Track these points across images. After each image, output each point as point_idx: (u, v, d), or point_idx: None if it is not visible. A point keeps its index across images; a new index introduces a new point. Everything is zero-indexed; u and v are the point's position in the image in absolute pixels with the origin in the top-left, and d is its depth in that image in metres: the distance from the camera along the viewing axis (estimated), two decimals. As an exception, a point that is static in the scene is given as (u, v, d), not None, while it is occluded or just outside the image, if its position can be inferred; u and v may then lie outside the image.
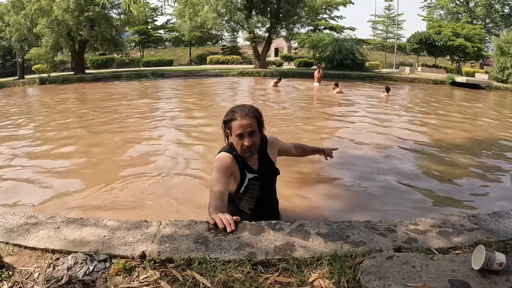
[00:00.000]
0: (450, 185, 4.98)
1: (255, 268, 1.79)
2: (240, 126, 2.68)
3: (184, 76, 29.31)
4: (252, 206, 2.96)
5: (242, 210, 2.98)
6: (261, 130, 2.84)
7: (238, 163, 2.82)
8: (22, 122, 10.42)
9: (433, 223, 2.28)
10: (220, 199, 2.46)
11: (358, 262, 1.82)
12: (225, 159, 2.76)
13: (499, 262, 1.71)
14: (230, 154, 2.79)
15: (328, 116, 10.92)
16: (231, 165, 2.75)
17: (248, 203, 2.95)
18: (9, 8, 29.98)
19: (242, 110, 2.73)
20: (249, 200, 2.93)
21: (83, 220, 2.29)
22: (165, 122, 9.74)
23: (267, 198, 3.10)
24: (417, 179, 5.20)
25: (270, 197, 3.16)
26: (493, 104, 16.71)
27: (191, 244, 1.97)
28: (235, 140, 2.74)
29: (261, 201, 2.99)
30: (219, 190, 2.53)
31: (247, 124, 2.69)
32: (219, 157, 2.80)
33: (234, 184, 2.84)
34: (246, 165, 2.87)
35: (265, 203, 3.06)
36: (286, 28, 33.43)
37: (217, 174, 2.66)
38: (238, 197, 2.93)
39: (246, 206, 2.97)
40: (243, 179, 2.85)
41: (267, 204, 3.12)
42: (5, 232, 2.18)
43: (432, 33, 35.97)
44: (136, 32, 48.64)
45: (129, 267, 1.84)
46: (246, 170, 2.86)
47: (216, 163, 2.75)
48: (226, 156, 2.78)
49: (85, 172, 5.71)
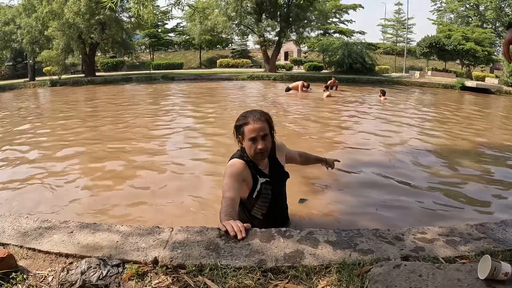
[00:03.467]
0: (458, 193, 4.94)
1: (265, 275, 1.83)
2: (253, 130, 2.74)
3: (194, 80, 29.36)
4: (265, 211, 3.00)
5: (254, 216, 3.01)
6: (272, 134, 2.89)
7: (250, 168, 2.86)
8: (35, 123, 10.53)
9: (440, 231, 2.29)
10: (232, 206, 2.50)
11: (366, 271, 1.84)
12: (237, 165, 2.80)
13: (504, 272, 1.71)
14: (242, 160, 2.83)
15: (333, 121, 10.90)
16: (243, 171, 2.79)
17: (261, 208, 2.98)
18: (20, 10, 30.33)
19: (254, 114, 2.80)
20: (262, 205, 2.97)
21: (96, 225, 2.34)
22: (177, 127, 9.71)
23: (279, 202, 3.15)
24: (425, 186, 5.16)
25: (281, 201, 3.21)
26: (503, 109, 16.58)
27: (203, 251, 2.00)
28: (247, 144, 2.78)
29: (273, 206, 3.02)
30: (231, 197, 2.57)
31: (260, 127, 2.75)
32: (231, 163, 2.84)
33: (246, 189, 2.87)
34: (258, 170, 2.91)
35: (276, 207, 3.10)
36: (296, 32, 33.36)
37: (229, 181, 2.70)
38: (251, 202, 2.96)
39: (258, 212, 3.00)
40: (255, 184, 2.89)
41: (278, 209, 3.18)
42: (19, 235, 2.22)
43: (442, 37, 35.84)
44: (146, 35, 48.88)
45: (141, 272, 1.88)
46: (258, 175, 2.90)
47: (229, 170, 2.78)
48: (238, 162, 2.82)
49: (96, 176, 5.75)
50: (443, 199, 4.72)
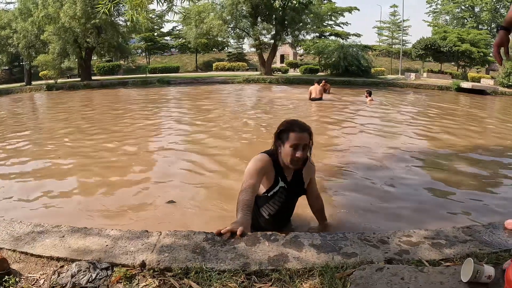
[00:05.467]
0: (446, 195, 4.92)
1: (249, 278, 1.86)
2: (298, 138, 2.84)
3: (190, 83, 29.34)
4: (273, 212, 3.09)
5: (261, 213, 3.11)
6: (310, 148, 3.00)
7: (275, 168, 2.96)
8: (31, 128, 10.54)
9: (426, 234, 2.31)
10: (251, 193, 2.67)
11: (348, 274, 1.87)
12: (264, 159, 2.93)
13: (487, 274, 1.74)
14: (269, 158, 2.95)
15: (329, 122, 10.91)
16: (268, 166, 2.92)
17: (270, 208, 3.08)
18: (16, 15, 30.30)
19: (300, 124, 2.93)
20: (272, 205, 3.07)
21: (87, 229, 2.37)
22: (171, 130, 9.73)
23: (288, 209, 3.28)
24: (414, 189, 5.16)
25: (290, 209, 3.33)
26: (497, 110, 16.63)
27: (189, 254, 2.04)
28: (287, 150, 2.86)
29: (282, 211, 3.13)
30: (252, 184, 2.72)
31: (303, 137, 2.86)
32: (258, 156, 2.97)
33: (265, 185, 2.98)
34: (282, 174, 3.01)
35: (284, 213, 3.23)
36: (291, 35, 33.39)
37: (252, 171, 2.83)
38: (264, 199, 3.05)
39: (267, 211, 3.09)
40: (275, 184, 2.99)
41: (285, 215, 3.31)
42: (12, 240, 2.27)
43: (438, 38, 35.94)
44: (142, 38, 48.97)
45: (129, 275, 1.91)
46: (280, 177, 3.00)
47: (254, 161, 2.92)
48: (265, 156, 2.95)
49: (89, 180, 5.75)
50: (432, 201, 4.72)
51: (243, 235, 2.23)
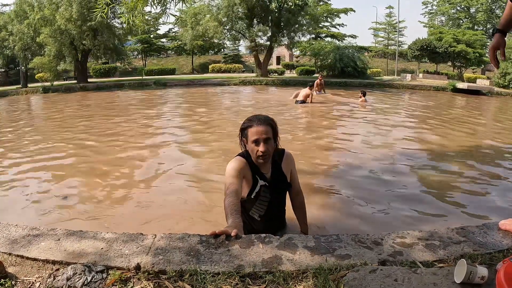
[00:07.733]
0: (441, 195, 4.94)
1: (243, 280, 1.86)
2: (256, 132, 2.82)
3: (186, 85, 29.32)
4: (263, 212, 3.07)
5: (252, 216, 3.09)
6: (275, 139, 2.97)
7: (251, 168, 2.95)
8: (26, 131, 10.52)
9: (420, 235, 2.31)
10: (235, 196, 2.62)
11: (342, 275, 1.87)
12: (238, 162, 2.91)
13: (481, 276, 1.75)
14: (243, 158, 2.94)
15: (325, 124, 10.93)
16: (243, 168, 2.89)
17: (259, 209, 3.06)
18: (12, 17, 30.17)
19: (259, 118, 2.90)
20: (260, 207, 3.05)
21: (82, 233, 2.38)
22: (166, 134, 9.73)
23: (277, 206, 3.21)
24: (410, 190, 5.19)
25: (279, 206, 3.26)
26: (493, 110, 16.68)
27: (184, 257, 2.04)
28: (250, 146, 2.87)
29: (271, 209, 3.09)
30: (234, 189, 2.68)
31: (263, 130, 2.83)
32: (232, 160, 2.95)
33: (246, 188, 2.96)
34: (259, 172, 2.99)
35: (274, 211, 3.17)
36: (287, 37, 33.35)
37: (230, 175, 2.82)
38: (249, 203, 3.03)
39: (256, 213, 3.07)
40: (255, 184, 2.97)
41: (276, 213, 3.24)
42: (8, 243, 2.27)
43: (433, 39, 35.96)
44: (138, 41, 48.84)
45: (124, 278, 1.92)
46: (258, 176, 2.98)
47: (230, 166, 2.90)
48: (239, 159, 2.94)
49: (84, 183, 5.75)
50: (426, 202, 4.74)
51: (238, 237, 2.23)
